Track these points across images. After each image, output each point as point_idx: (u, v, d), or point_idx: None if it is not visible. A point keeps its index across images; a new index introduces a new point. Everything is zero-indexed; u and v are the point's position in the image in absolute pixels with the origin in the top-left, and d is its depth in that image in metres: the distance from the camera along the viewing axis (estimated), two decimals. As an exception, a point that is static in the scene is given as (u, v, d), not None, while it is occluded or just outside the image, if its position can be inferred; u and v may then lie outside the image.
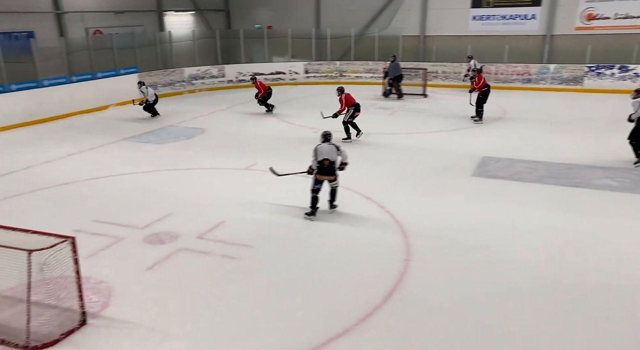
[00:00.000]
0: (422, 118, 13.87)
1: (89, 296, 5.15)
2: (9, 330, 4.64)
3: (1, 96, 12.77)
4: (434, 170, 9.47)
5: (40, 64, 13.83)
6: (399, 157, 10.43)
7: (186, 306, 5.16)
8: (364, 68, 20.37)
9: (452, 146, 11.16)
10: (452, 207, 7.68)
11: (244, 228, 6.96)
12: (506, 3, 19.76)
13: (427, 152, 10.77)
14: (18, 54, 13.64)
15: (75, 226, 6.80)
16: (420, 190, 8.46)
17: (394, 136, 12.07)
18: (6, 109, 12.79)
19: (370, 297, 5.25)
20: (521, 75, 18.71)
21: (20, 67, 13.43)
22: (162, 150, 11.13)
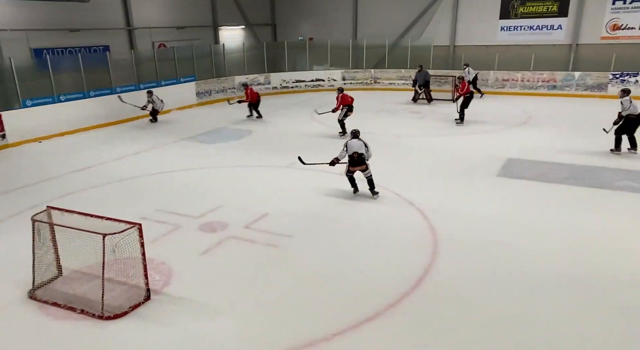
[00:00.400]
0: (451, 122, 13.63)
1: (153, 275, 5.39)
2: (87, 302, 4.95)
3: (82, 101, 13.45)
4: (461, 170, 9.31)
5: (114, 73, 14.46)
6: (427, 157, 10.31)
7: (234, 287, 5.32)
8: (396, 75, 20.17)
9: (478, 148, 10.92)
10: (478, 205, 7.54)
11: (285, 220, 7.07)
12: (534, 14, 19.07)
13: (455, 153, 10.59)
14: (96, 65, 14.31)
15: (141, 214, 7.11)
16: (448, 188, 8.34)
17: (424, 138, 11.92)
18: (86, 112, 13.48)
19: (399, 285, 5.24)
20: (546, 82, 18.03)
21: (98, 76, 14.09)
22: (215, 149, 11.41)
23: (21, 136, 11.95)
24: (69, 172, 9.62)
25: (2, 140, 11.61)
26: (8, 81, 12.13)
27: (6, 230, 6.92)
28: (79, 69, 13.38)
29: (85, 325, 4.66)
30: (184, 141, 12.18)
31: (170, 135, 12.83)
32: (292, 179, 9.07)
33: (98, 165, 10.08)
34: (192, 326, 4.64)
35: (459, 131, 12.57)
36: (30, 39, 14.31)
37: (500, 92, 18.60)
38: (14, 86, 12.01)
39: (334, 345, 4.37)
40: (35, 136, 12.22)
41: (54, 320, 4.75)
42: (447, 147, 11.10)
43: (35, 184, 8.93)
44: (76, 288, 5.23)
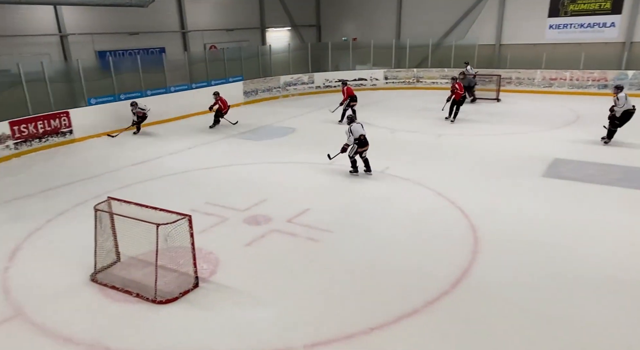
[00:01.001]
0: (495, 121, 13.16)
1: (201, 264, 5.57)
2: (142, 287, 5.19)
3: (140, 100, 14.01)
4: (505, 170, 9.00)
5: (169, 74, 15.02)
6: (471, 156, 10.03)
7: (276, 278, 5.40)
8: (439, 74, 19.70)
9: (523, 148, 10.52)
10: (522, 205, 7.27)
11: (326, 215, 7.09)
12: (585, 12, 18.01)
13: (499, 152, 10.24)
14: (152, 66, 14.93)
15: (191, 206, 7.35)
16: (491, 188, 8.09)
17: (467, 137, 11.59)
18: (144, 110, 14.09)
19: (438, 283, 5.15)
20: (597, 81, 17.01)
21: (154, 76, 14.69)
22: (260, 146, 11.60)
23: (86, 132, 12.68)
24: (128, 166, 10.11)
25: (70, 136, 12.36)
26: (75, 81, 12.89)
27: (72, 217, 7.37)
28: (138, 70, 14.00)
29: (140, 308, 4.90)
30: (231, 138, 12.46)
31: (218, 132, 13.15)
32: (333, 175, 9.08)
33: (154, 160, 10.51)
34: (237, 313, 4.77)
35: (504, 131, 12.12)
36: (95, 42, 15.13)
37: (547, 91, 17.75)
38: (80, 86, 12.74)
39: (372, 339, 4.35)
40: (98, 132, 12.92)
41: (112, 302, 5.02)
42: (490, 147, 10.75)
43: (98, 175, 9.44)
44: (132, 273, 5.48)
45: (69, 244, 6.43)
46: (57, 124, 12.05)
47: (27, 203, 8.04)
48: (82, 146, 12.10)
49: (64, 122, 12.19)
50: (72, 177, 9.37)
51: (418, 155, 10.28)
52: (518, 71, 18.20)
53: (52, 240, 6.59)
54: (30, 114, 11.52)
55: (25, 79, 11.41)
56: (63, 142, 12.18)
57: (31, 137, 11.49)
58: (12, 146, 11.07)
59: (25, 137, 11.36)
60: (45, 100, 11.93)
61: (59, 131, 12.08)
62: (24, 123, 11.35)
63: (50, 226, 7.07)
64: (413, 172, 8.96)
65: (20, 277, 5.58)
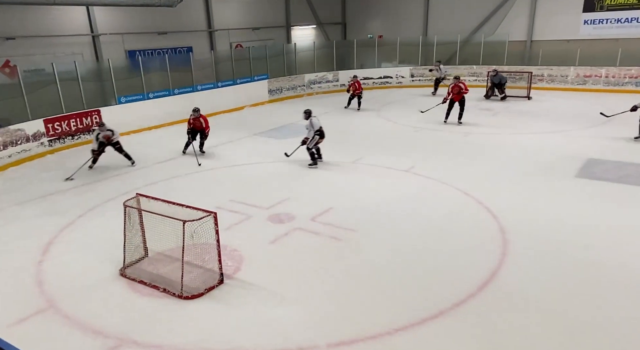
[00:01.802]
0: (526, 119, 12.83)
1: (225, 261, 5.65)
2: (169, 282, 5.31)
3: (167, 98, 14.38)
4: (535, 170, 8.80)
5: (195, 72, 15.28)
6: (500, 155, 9.84)
7: (300, 276, 5.43)
8: (468, 72, 19.33)
9: (555, 147, 10.25)
10: (553, 207, 7.09)
11: (349, 214, 7.08)
12: (622, 6, 17.32)
13: (530, 152, 10.02)
14: (180, 65, 15.22)
15: (216, 203, 7.46)
16: (521, 188, 7.91)
17: (496, 136, 11.36)
18: (171, 108, 14.38)
19: (465, 285, 5.09)
20: (634, 79, 16.34)
21: (181, 75, 14.98)
22: (284, 144, 11.60)
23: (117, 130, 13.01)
24: (155, 163, 10.35)
25: (101, 133, 12.72)
26: (106, 80, 13.28)
27: (102, 212, 7.60)
28: (166, 69, 14.30)
29: (167, 303, 5.01)
30: (256, 136, 12.58)
31: (243, 130, 13.31)
32: (357, 174, 9.06)
33: (179, 158, 10.72)
34: (260, 310, 4.82)
35: (535, 129, 11.81)
36: (125, 42, 15.53)
37: (581, 88, 17.18)
38: (111, 85, 13.11)
39: (397, 340, 4.32)
40: (128, 130, 13.26)
41: (140, 296, 5.15)
42: (520, 146, 10.52)
43: (127, 172, 9.71)
44: (160, 268, 5.62)
45: (99, 238, 6.62)
46: (88, 122, 12.44)
47: (60, 198, 8.33)
48: (112, 143, 12.44)
49: (95, 119, 12.57)
50: (103, 174, 9.67)
51: (444, 154, 10.14)
52: (550, 68, 17.70)
53: (83, 235, 6.81)
54: (63, 112, 11.93)
55: (59, 78, 11.82)
56: (94, 140, 12.56)
57: (64, 135, 11.91)
58: (47, 143, 11.50)
59: (58, 134, 11.78)
60: (77, 99, 12.34)
61: (90, 129, 12.46)
62: (58, 121, 11.77)
63: (82, 221, 7.30)
64: (439, 172, 8.85)
65: (53, 270, 5.79)
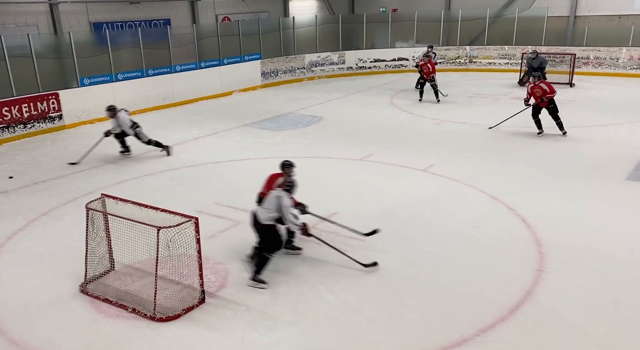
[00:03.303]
0: (567, 110, 12.73)
1: (208, 276, 5.60)
2: (139, 300, 5.24)
3: (140, 80, 14.35)
4: (578, 171, 8.77)
5: (174, 50, 15.24)
6: (535, 153, 9.82)
7: (297, 294, 5.38)
8: (498, 53, 19.34)
9: (602, 144, 10.23)
10: (599, 214, 7.06)
11: (356, 220, 6.99)
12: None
13: (571, 149, 9.99)
14: (155, 41, 15.16)
15: (197, 207, 7.41)
16: (560, 192, 7.88)
17: (531, 130, 11.30)
18: (143, 92, 14.36)
19: (493, 307, 5.04)
20: (699, 62, 16.32)
21: (157, 53, 14.93)
22: (279, 137, 11.65)
23: (78, 117, 13.00)
24: (124, 158, 10.29)
25: (59, 121, 12.69)
26: (66, 57, 13.20)
27: (60, 216, 7.54)
28: (138, 45, 14.26)
29: (136, 325, 4.95)
30: (246, 127, 12.55)
31: (231, 120, 13.27)
32: (366, 173, 9.04)
33: (154, 151, 10.65)
34: (250, 336, 4.76)
35: (577, 122, 11.76)
36: (90, 12, 15.46)
37: (635, 74, 17.14)
38: (72, 63, 13.06)
39: (412, 374, 4.26)
40: (91, 118, 13.21)
41: (104, 317, 5.09)
42: (559, 142, 10.50)
43: (90, 169, 9.65)
44: (128, 284, 5.56)
45: (55, 248, 6.56)
46: (44, 108, 12.40)
47: (7, 199, 8.28)
48: (73, 134, 12.41)
49: (52, 105, 12.54)
50: (61, 170, 9.61)
51: (468, 150, 10.13)
52: (598, 49, 17.70)
53: (36, 243, 6.73)
54: (13, 96, 11.88)
55: (9, 54, 11.75)
56: (51, 129, 12.54)
57: (14, 123, 11.86)
58: (-6, 132, 11.44)
59: (7, 122, 11.73)
60: (31, 80, 12.28)
61: (46, 116, 12.43)
62: (7, 106, 11.73)
63: (34, 227, 7.23)
64: (462, 171, 8.83)
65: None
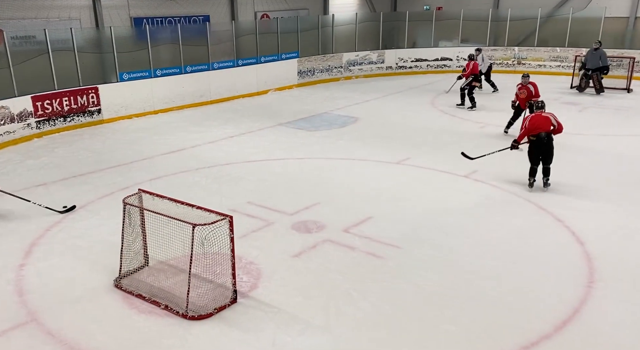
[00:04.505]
0: (622, 117, 12.40)
1: (240, 275, 5.70)
2: (172, 297, 5.37)
3: (178, 77, 14.65)
4: (633, 182, 8.53)
5: (212, 47, 15.52)
6: (586, 162, 9.60)
7: (329, 299, 5.40)
8: (549, 55, 18.90)
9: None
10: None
11: (392, 226, 7.02)
12: None
13: (626, 158, 9.72)
14: (194, 37, 15.48)
15: (230, 206, 7.54)
16: (613, 205, 7.68)
17: (582, 137, 11.06)
18: (180, 89, 14.68)
19: (538, 324, 4.95)
20: None
21: (195, 50, 15.23)
22: (314, 137, 11.70)
23: (116, 112, 13.42)
24: (161, 154, 10.55)
25: (98, 115, 13.13)
26: (107, 52, 13.63)
27: (97, 210, 7.80)
28: (177, 41, 14.60)
29: (168, 323, 5.08)
30: (281, 126, 12.67)
31: (266, 119, 13.42)
32: (403, 177, 9.00)
33: (190, 148, 10.90)
34: (281, 338, 4.82)
35: (634, 130, 11.36)
36: (131, 7, 15.91)
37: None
38: (112, 58, 13.48)
39: (447, 388, 4.23)
40: (129, 113, 13.61)
41: (137, 313, 5.24)
42: (614, 151, 10.20)
43: (127, 164, 9.94)
44: (162, 281, 5.70)
45: (92, 241, 6.79)
46: (84, 102, 12.85)
47: (47, 191, 8.61)
48: (111, 128, 12.81)
49: (92, 99, 12.98)
50: (98, 165, 9.94)
51: (514, 157, 9.89)
52: (660, 53, 17.04)
53: (73, 236, 6.98)
54: (55, 89, 12.36)
55: (52, 48, 12.20)
56: (90, 123, 12.96)
57: (55, 116, 12.34)
58: (34, 125, 11.93)
59: (48, 115, 12.21)
60: (72, 74, 12.73)
61: (86, 110, 12.88)
62: (48, 99, 12.19)
63: (72, 220, 7.49)
64: (507, 179, 8.67)
65: (36, 277, 5.97)
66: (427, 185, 8.64)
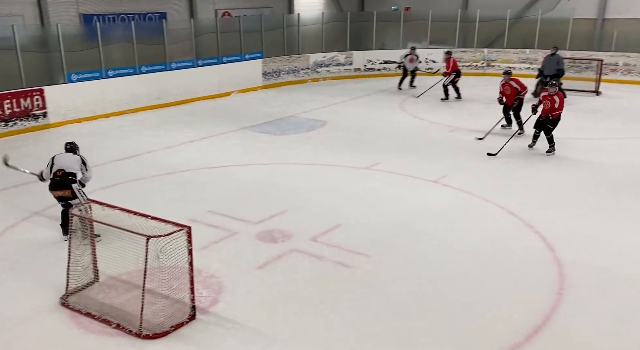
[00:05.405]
0: (592, 121, 12.80)
1: (200, 290, 5.57)
2: (124, 315, 5.21)
3: (132, 78, 14.40)
4: (604, 186, 8.77)
5: (169, 46, 15.32)
6: (557, 166, 9.82)
7: (295, 312, 5.36)
8: (518, 57, 19.40)
9: (630, 158, 10.21)
10: (626, 234, 7.04)
11: (362, 234, 7.04)
12: None
13: (597, 162, 9.98)
14: (150, 36, 15.25)
15: (190, 215, 7.39)
16: (584, 209, 7.88)
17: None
18: (135, 90, 14.40)
19: (509, 333, 5.02)
20: None
21: (151, 49, 15.01)
22: (280, 141, 11.66)
23: (64, 116, 13.06)
24: (113, 160, 10.30)
25: (44, 119, 12.73)
26: (53, 51, 13.29)
27: (42, 222, 7.55)
28: (131, 40, 14.34)
29: (120, 342, 4.91)
30: (245, 130, 12.58)
31: (229, 122, 13.30)
32: (373, 183, 9.05)
33: (145, 154, 10.69)
34: (243, 357, 4.72)
35: (604, 134, 11.75)
36: (80, 3, 15.55)
37: (667, 83, 17.16)
38: (59, 57, 13.13)
39: (420, 404, 4.23)
40: (78, 117, 13.25)
41: (86, 333, 5.06)
42: (585, 154, 10.50)
43: (76, 171, 9.64)
44: (113, 297, 5.53)
45: (34, 256, 6.55)
46: (28, 105, 12.45)
47: (-12, 202, 8.27)
48: (58, 133, 12.42)
49: (37, 102, 12.59)
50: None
51: (484, 161, 10.11)
52: (627, 55, 17.77)
53: (14, 251, 6.73)
54: (-4, 91, 11.93)
55: (-8, 47, 11.84)
56: (35, 128, 12.58)
57: (-4, 120, 11.90)
58: (-27, 130, 11.49)
59: (-11, 119, 11.78)
60: (14, 74, 12.33)
61: (30, 113, 12.47)
62: (-11, 102, 11.77)
63: (12, 233, 7.25)
64: (477, 184, 8.83)
65: (-25, 294, 5.71)
66: (397, 190, 8.69)
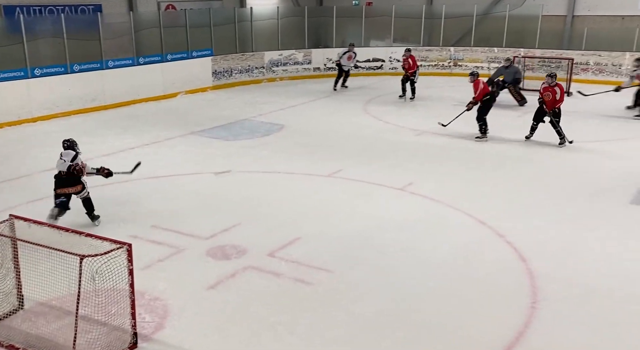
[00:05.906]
0: (565, 123, 13.14)
1: (142, 315, 5.44)
2: (54, 347, 5.02)
3: (62, 77, 14.05)
4: (575, 193, 9.02)
5: (106, 42, 15.02)
6: (527, 172, 10.07)
7: (251, 335, 5.31)
8: (486, 56, 19.91)
9: (605, 162, 10.56)
10: (599, 243, 7.26)
11: (322, 247, 7.06)
12: None
13: (569, 168, 10.29)
14: (83, 31, 14.94)
15: (131, 231, 7.25)
16: (555, 217, 8.08)
17: (522, 146, 11.64)
18: (66, 92, 14.04)
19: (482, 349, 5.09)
20: None
21: (85, 45, 14.69)
22: (233, 147, 11.60)
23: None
24: (42, 171, 9.94)
25: (-39, 125, 12.26)
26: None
27: (-42, 242, 7.20)
28: (61, 35, 14.03)
29: (50, 377, 4.75)
30: (194, 135, 12.47)
31: (176, 126, 13.15)
32: (334, 192, 9.09)
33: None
34: (191, 389, 4.63)
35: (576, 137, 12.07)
36: (1, -8, 15.10)
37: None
38: (-24, 55, 12.71)
39: None
40: (1, 121, 12.80)
41: (8, 368, 4.86)
42: (556, 159, 10.82)
43: (-1, 183, 9.33)
44: (41, 327, 5.35)
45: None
46: (-56, 109, 11.96)
47: None
48: (-21, 141, 11.99)
49: (-47, 106, 12.10)
50: (-39, 185, 9.23)
51: (453, 167, 10.31)
52: (598, 54, 18.39)
53: None
54: None
55: None
56: (-49, 134, 12.10)
57: None
58: None
59: None
60: None
61: (-52, 119, 11.98)
62: None
63: None
64: (446, 192, 8.96)
65: None
66: (361, 200, 8.73)
